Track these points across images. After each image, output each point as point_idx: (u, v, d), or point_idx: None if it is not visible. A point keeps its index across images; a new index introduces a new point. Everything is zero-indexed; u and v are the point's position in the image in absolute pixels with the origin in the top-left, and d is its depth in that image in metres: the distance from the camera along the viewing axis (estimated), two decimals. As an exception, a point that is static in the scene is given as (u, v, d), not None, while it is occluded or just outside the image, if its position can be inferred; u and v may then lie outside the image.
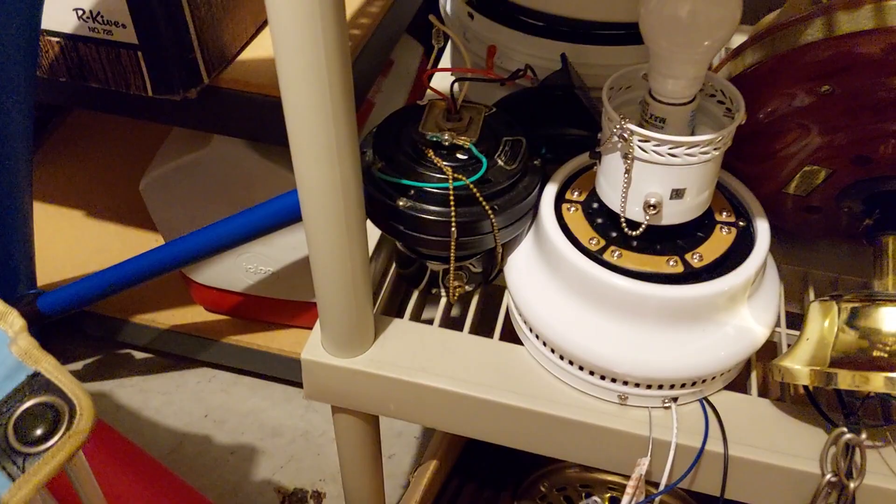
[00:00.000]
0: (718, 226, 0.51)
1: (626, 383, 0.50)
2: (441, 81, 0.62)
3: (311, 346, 0.54)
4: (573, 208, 0.52)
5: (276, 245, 0.84)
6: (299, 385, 1.06)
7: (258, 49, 0.69)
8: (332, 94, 0.39)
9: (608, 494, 0.72)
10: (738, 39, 0.77)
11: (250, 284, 0.91)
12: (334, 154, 0.42)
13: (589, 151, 0.50)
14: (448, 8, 0.69)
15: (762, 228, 0.50)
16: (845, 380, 0.43)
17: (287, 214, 0.66)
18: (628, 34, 0.60)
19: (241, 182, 0.76)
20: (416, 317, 0.58)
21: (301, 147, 0.42)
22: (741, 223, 0.51)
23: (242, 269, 0.89)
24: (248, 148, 0.75)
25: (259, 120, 0.66)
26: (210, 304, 1.00)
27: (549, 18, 0.62)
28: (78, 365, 1.08)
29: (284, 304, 0.92)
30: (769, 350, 0.56)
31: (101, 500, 0.39)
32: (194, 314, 1.02)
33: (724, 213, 0.51)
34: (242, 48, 0.69)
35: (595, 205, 0.52)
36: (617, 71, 0.48)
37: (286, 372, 1.02)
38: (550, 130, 0.58)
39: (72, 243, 1.07)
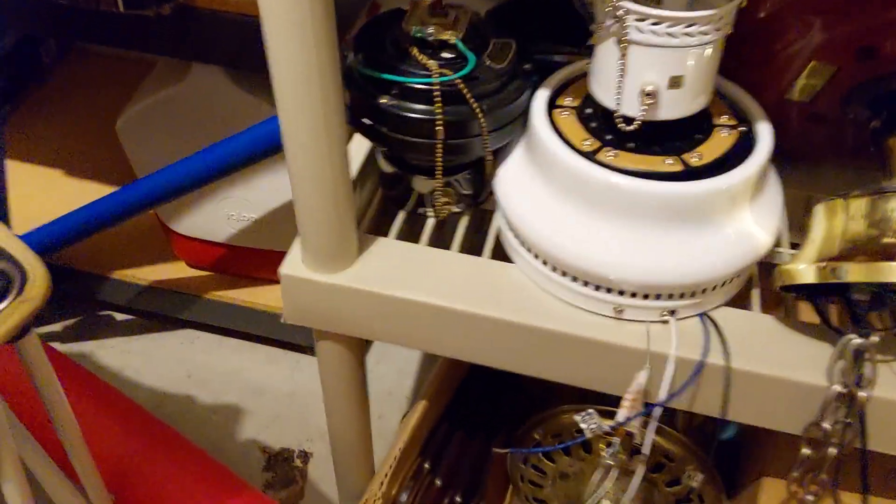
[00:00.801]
0: (718, 128, 0.48)
1: (621, 293, 0.47)
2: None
3: (290, 262, 0.52)
4: (566, 113, 0.49)
5: (258, 188, 0.81)
6: (286, 346, 1.04)
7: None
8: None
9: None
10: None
11: (233, 234, 0.88)
12: (311, 45, 0.39)
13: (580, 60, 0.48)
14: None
15: (764, 130, 0.48)
16: (855, 272, 0.41)
17: (267, 142, 0.63)
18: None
19: (221, 117, 0.73)
20: (402, 237, 0.55)
21: (276, 40, 0.39)
22: (742, 127, 0.48)
23: (224, 216, 0.86)
24: (227, 80, 0.72)
25: (238, 44, 0.63)
26: (192, 257, 0.97)
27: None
28: (57, 326, 1.04)
29: (269, 254, 0.89)
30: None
31: (58, 391, 0.36)
32: (176, 270, 0.99)
33: (725, 118, 0.49)
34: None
35: (589, 110, 0.49)
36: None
37: (272, 330, 0.99)
38: (538, 51, 0.55)
39: (50, 203, 1.04)
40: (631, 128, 0.45)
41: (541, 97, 0.50)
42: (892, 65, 0.47)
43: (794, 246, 0.54)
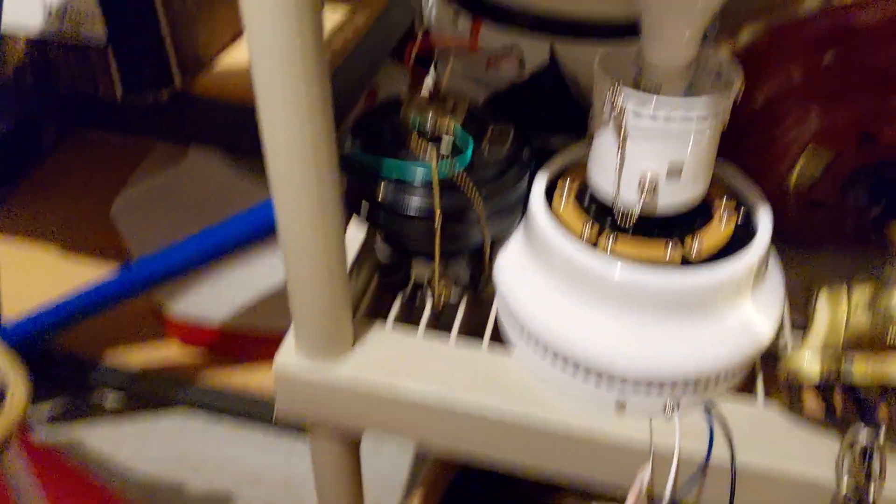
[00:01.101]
0: (717, 214, 0.48)
1: (624, 383, 0.46)
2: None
3: (283, 352, 0.51)
4: (565, 199, 0.49)
5: (254, 270, 0.81)
6: (280, 428, 1.02)
7: (234, 57, 0.67)
8: (308, 94, 0.37)
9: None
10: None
11: (228, 315, 0.87)
12: (308, 132, 0.39)
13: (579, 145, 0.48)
14: (433, 14, 0.68)
15: (764, 215, 0.47)
16: (861, 372, 0.40)
17: (264, 225, 0.63)
18: (616, 29, 0.58)
19: (218, 201, 0.73)
20: (400, 319, 0.54)
21: (272, 127, 0.39)
22: (741, 211, 0.48)
23: (219, 298, 0.85)
24: (224, 164, 0.72)
25: (235, 128, 0.63)
26: (186, 338, 0.95)
27: (537, 14, 0.60)
28: (45, 409, 1.02)
29: (263, 337, 0.88)
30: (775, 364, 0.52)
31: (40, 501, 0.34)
32: (169, 352, 0.97)
33: (724, 201, 0.48)
34: (218, 55, 0.67)
35: (588, 196, 0.49)
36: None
37: (266, 412, 0.97)
38: (543, 124, 0.56)
39: (44, 285, 1.03)
40: (631, 221, 0.45)
41: (539, 183, 0.50)
42: (892, 151, 0.47)
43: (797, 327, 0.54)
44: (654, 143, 0.42)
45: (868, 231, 0.50)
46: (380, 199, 0.47)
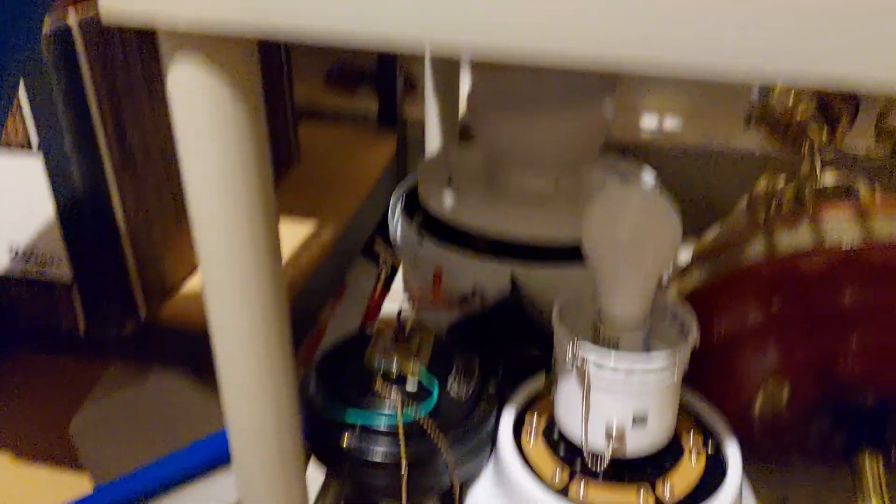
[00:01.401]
0: (686, 450, 0.47)
1: None
2: (394, 305, 0.60)
3: None
4: (534, 437, 0.49)
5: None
6: None
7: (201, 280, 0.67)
8: (265, 327, 0.37)
9: None
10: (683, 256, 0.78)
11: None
12: (267, 389, 0.39)
13: (544, 375, 0.48)
14: (398, 234, 0.70)
15: (732, 451, 0.47)
16: None
17: (222, 455, 0.61)
18: (578, 254, 0.60)
19: (182, 420, 0.72)
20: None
21: (229, 377, 0.39)
22: (710, 445, 0.48)
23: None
24: (189, 383, 0.71)
25: (201, 355, 0.63)
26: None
27: (498, 241, 0.62)
28: None
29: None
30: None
31: None
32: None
33: (692, 436, 0.48)
34: (186, 279, 0.68)
35: (557, 431, 0.49)
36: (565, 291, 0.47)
37: None
38: (507, 352, 0.56)
39: (-3, 490, 0.98)
40: (599, 465, 0.44)
41: (506, 421, 0.49)
42: (851, 384, 0.48)
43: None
44: (617, 395, 0.42)
45: (835, 456, 0.50)
46: (342, 451, 0.46)
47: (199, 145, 0.33)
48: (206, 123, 0.32)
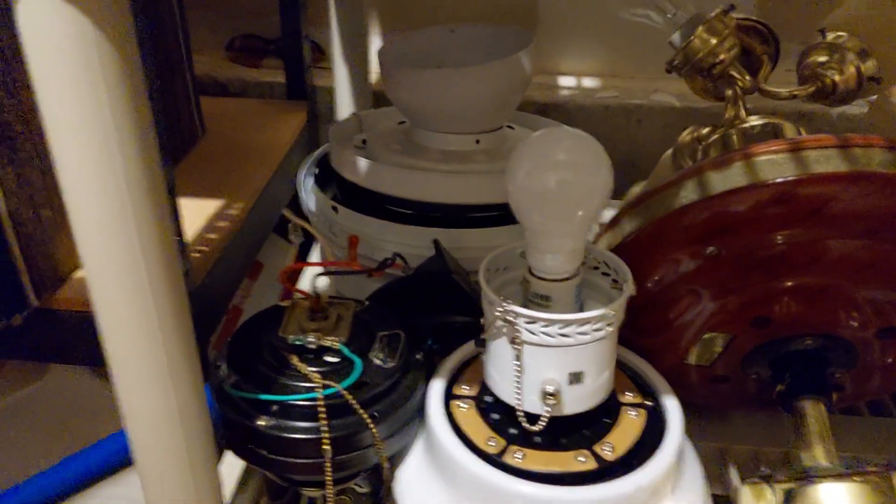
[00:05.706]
0: (625, 408, 0.45)
1: None
2: (309, 281, 0.57)
3: None
4: (465, 405, 0.46)
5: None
6: None
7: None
8: (156, 303, 0.33)
9: None
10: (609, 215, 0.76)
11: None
12: (166, 374, 0.35)
13: (474, 339, 0.45)
14: (311, 204, 0.66)
15: (672, 407, 0.45)
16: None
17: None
18: (502, 215, 0.57)
19: (86, 416, 0.66)
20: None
21: (123, 367, 0.35)
22: (648, 402, 0.46)
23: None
24: (91, 376, 0.66)
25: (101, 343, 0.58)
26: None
27: (419, 205, 0.59)
28: None
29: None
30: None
31: None
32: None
33: (630, 394, 0.46)
34: (80, 266, 0.62)
35: (489, 398, 0.46)
36: (492, 252, 0.45)
37: None
38: (434, 319, 0.53)
39: None
40: (536, 427, 0.42)
41: (436, 391, 0.46)
42: (787, 329, 0.46)
43: (716, 498, 0.51)
44: (551, 355, 0.40)
45: (775, 403, 0.49)
46: (259, 435, 0.42)
47: (60, 94, 0.28)
48: (67, 67, 0.28)
